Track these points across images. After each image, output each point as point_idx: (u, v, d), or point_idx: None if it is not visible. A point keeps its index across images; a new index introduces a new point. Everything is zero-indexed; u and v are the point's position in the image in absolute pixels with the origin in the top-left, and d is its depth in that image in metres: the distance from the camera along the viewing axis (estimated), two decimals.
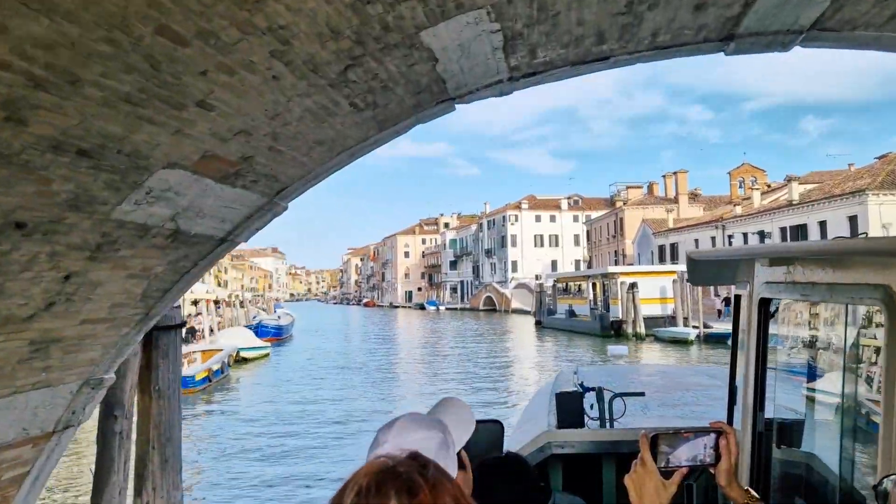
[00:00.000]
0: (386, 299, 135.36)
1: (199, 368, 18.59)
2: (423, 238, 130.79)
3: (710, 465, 1.48)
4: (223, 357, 20.73)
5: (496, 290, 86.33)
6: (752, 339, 2.18)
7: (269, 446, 14.00)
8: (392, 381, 22.24)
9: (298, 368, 25.33)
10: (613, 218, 69.10)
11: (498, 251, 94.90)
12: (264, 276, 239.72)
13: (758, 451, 2.12)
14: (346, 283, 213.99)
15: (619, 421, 4.45)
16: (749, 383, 2.18)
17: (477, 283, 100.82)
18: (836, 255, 1.71)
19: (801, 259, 1.88)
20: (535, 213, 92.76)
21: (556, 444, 3.63)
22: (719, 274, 2.77)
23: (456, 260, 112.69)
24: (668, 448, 1.42)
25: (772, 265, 2.06)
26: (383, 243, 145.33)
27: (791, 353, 2.55)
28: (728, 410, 2.53)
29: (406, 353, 33.40)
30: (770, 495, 2.14)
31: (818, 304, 2.12)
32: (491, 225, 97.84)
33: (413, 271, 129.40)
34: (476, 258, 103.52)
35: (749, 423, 2.15)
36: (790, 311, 2.36)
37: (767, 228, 42.20)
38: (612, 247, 68.84)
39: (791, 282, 1.93)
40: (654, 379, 7.28)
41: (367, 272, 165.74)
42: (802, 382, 2.47)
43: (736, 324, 2.44)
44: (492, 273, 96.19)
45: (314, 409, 17.18)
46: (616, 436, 3.79)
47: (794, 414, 2.48)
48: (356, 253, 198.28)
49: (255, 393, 20.04)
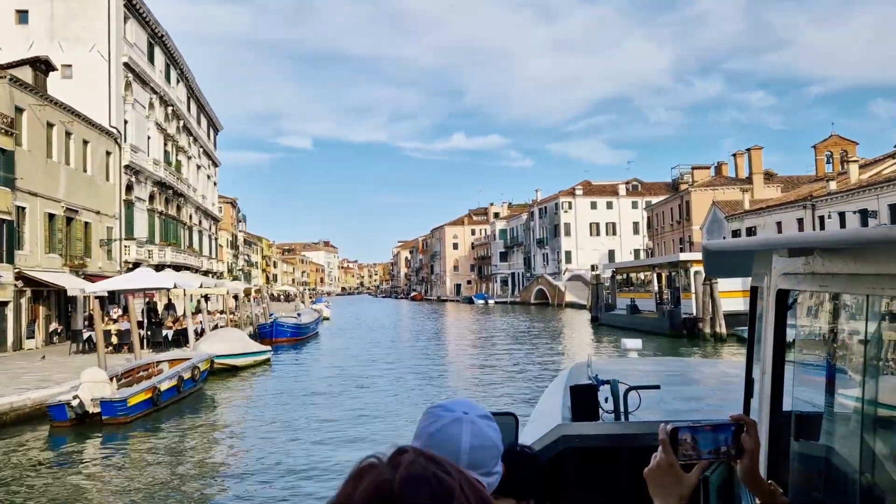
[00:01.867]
0: (435, 293, 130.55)
1: (132, 391, 13.84)
2: (473, 229, 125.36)
3: (732, 457, 1.44)
4: (182, 371, 15.94)
5: (548, 282, 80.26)
6: (770, 330, 2.17)
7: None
8: (418, 405, 16.46)
9: (298, 383, 20.44)
10: (678, 202, 62.30)
11: (550, 241, 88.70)
12: (316, 270, 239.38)
13: (776, 444, 2.13)
14: (396, 276, 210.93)
15: (633, 414, 4.17)
16: (766, 376, 2.18)
17: (528, 275, 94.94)
18: (856, 245, 1.67)
19: (821, 249, 1.85)
20: (590, 200, 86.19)
21: (570, 437, 3.56)
22: (737, 265, 2.78)
23: (506, 251, 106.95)
24: (688, 441, 1.38)
25: (790, 256, 2.03)
26: (431, 235, 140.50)
27: (809, 345, 2.47)
28: (744, 403, 2.56)
29: (445, 360, 28.13)
30: (788, 489, 2.07)
31: (838, 295, 2.04)
32: (543, 213, 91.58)
33: (462, 263, 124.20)
34: (527, 249, 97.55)
35: (766, 416, 2.15)
36: (809, 302, 2.32)
37: (872, 206, 35.27)
38: (676, 233, 62.10)
39: (810, 272, 1.92)
40: (669, 372, 6.65)
41: (416, 265, 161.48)
42: (821, 375, 2.32)
43: (753, 315, 2.51)
44: (544, 264, 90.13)
45: (292, 457, 12.04)
46: (631, 429, 3.66)
47: (812, 407, 2.38)
48: (406, 246, 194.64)
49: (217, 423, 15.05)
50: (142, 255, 36.57)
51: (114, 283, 22.73)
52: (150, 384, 14.71)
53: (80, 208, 30.10)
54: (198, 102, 55.67)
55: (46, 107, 27.38)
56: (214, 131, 65.04)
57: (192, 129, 52.25)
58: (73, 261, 29.18)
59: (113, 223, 34.00)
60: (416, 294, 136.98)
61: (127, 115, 36.88)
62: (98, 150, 32.54)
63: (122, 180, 35.05)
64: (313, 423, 14.59)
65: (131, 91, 37.11)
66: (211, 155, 61.89)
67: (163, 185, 42.09)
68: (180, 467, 11.42)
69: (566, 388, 4.68)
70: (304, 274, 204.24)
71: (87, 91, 33.83)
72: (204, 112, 58.45)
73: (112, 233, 33.83)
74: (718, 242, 2.38)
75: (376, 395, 18.01)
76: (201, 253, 54.67)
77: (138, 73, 37.72)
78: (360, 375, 21.64)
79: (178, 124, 47.75)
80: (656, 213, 69.72)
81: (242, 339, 22.59)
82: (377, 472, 0.73)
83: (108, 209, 33.53)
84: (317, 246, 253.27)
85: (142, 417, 14.25)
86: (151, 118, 41.11)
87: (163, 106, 43.31)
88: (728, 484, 2.64)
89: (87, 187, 31.25)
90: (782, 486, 1.63)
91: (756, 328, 2.44)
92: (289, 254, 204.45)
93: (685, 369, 7.17)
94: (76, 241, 29.83)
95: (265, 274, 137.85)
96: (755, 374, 2.39)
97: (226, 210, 79.53)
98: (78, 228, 30.09)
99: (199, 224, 54.88)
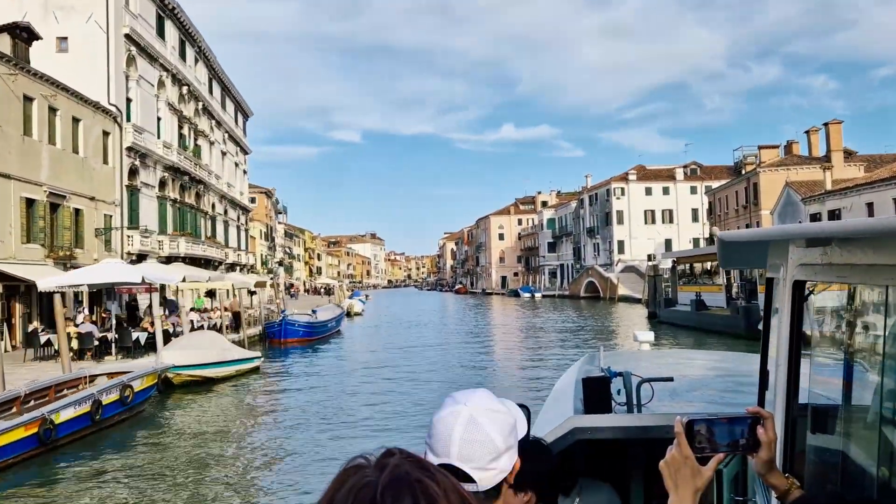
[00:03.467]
0: (480, 285, 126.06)
1: (5, 426, 9.84)
2: (519, 218, 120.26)
3: (748, 450, 1.44)
4: (103, 392, 11.96)
5: (599, 274, 74.90)
6: (786, 322, 2.14)
7: None
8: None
9: (281, 403, 16.45)
10: (744, 184, 56.33)
11: (602, 230, 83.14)
12: (362, 263, 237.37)
13: (791, 437, 2.10)
14: (442, 268, 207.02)
15: (646, 406, 4.11)
16: (782, 368, 2.15)
17: (578, 266, 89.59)
18: (876, 235, 1.63)
19: (839, 239, 1.82)
20: (644, 185, 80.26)
21: (582, 429, 3.45)
22: (752, 256, 2.78)
23: (554, 241, 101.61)
24: (704, 433, 1.36)
25: (808, 246, 1.98)
26: (477, 225, 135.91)
27: (826, 338, 2.45)
28: (759, 395, 2.60)
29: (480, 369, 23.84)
30: (804, 482, 1.98)
31: (856, 286, 2.04)
32: (593, 200, 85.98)
33: (508, 255, 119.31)
34: (577, 238, 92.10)
35: (782, 409, 2.12)
36: (826, 293, 2.24)
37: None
38: (742, 219, 56.19)
39: (828, 263, 1.89)
40: (681, 364, 6.41)
41: (461, 257, 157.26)
42: (838, 368, 2.30)
43: (768, 307, 2.54)
44: (595, 255, 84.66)
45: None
46: (644, 421, 3.53)
47: (828, 400, 2.37)
48: (452, 237, 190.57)
49: (138, 468, 11.04)
50: (148, 246, 33.31)
51: (67, 278, 19.09)
52: (37, 415, 10.60)
53: (68, 193, 26.84)
54: (222, 85, 52.49)
55: (19, 77, 24.06)
56: (244, 117, 61.96)
57: (214, 113, 49.07)
58: (58, 252, 25.93)
59: (112, 211, 30.75)
60: (460, 287, 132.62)
61: (131, 93, 33.61)
62: (93, 129, 29.26)
63: (123, 164, 31.79)
64: (283, 473, 10.51)
65: (135, 66, 33.81)
66: (239, 141, 58.79)
67: (176, 171, 38.85)
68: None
69: (578, 381, 4.56)
70: (349, 266, 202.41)
71: (86, 66, 30.61)
72: (230, 95, 55.28)
73: (111, 222, 30.59)
74: (734, 233, 2.28)
75: (383, 423, 13.80)
76: (227, 244, 51.59)
77: (144, 46, 34.39)
78: (369, 393, 17.47)
79: (197, 106, 44.53)
80: (719, 198, 63.73)
81: (219, 344, 18.45)
82: (362, 474, 0.73)
83: (107, 195, 30.29)
84: (363, 238, 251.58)
85: (23, 461, 10.29)
86: (162, 98, 37.86)
87: (176, 85, 40.06)
88: (741, 477, 2.60)
89: (79, 170, 28.00)
90: (797, 479, 1.60)
91: (772, 320, 2.39)
92: (334, 246, 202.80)
93: (699, 362, 6.91)
94: (63, 231, 26.58)
95: (308, 267, 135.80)
96: (770, 367, 2.40)
97: (260, 200, 76.74)
98: (65, 216, 26.84)
99: (224, 214, 51.77)
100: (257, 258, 71.46)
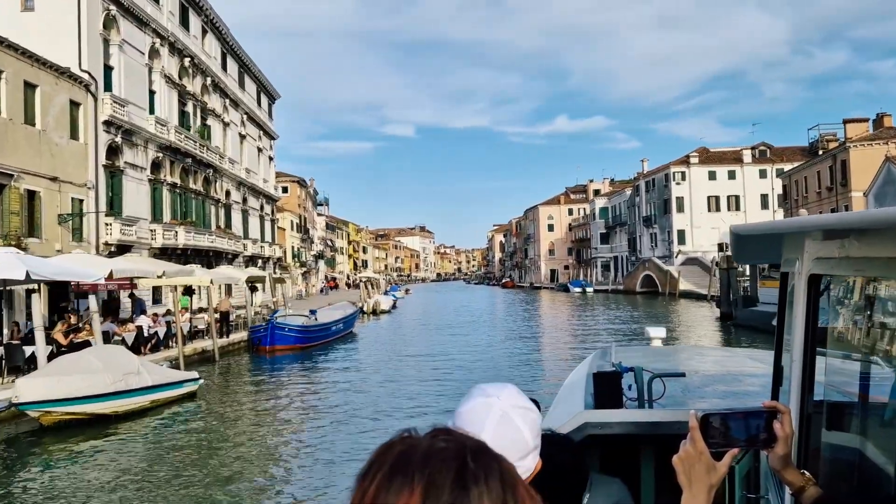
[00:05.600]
0: (528, 279, 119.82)
1: None
2: (570, 208, 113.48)
3: (765, 445, 1.41)
4: None
5: (658, 267, 68.09)
6: (801, 317, 2.08)
7: None
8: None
9: (208, 456, 11.51)
10: (829, 163, 48.91)
11: (660, 218, 76.05)
12: (411, 256, 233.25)
13: (806, 434, 2.06)
14: (491, 261, 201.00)
15: (658, 402, 4.16)
16: (797, 364, 2.09)
17: (633, 258, 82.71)
18: (894, 227, 1.59)
19: (857, 231, 1.77)
20: (707, 169, 72.80)
21: (592, 424, 3.33)
22: (767, 250, 2.70)
23: (607, 232, 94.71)
24: (719, 428, 1.34)
25: (824, 239, 1.95)
26: (525, 216, 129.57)
27: (842, 333, 2.36)
28: (773, 391, 2.52)
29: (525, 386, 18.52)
30: (819, 480, 2.00)
31: (874, 280, 1.98)
32: (651, 186, 78.85)
33: (558, 247, 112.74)
34: (632, 228, 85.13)
35: (796, 405, 2.07)
36: (842, 287, 2.23)
37: None
38: (826, 204, 48.83)
39: (845, 256, 1.84)
40: (693, 360, 6.45)
41: (509, 249, 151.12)
42: (855, 364, 2.22)
43: (783, 302, 2.43)
44: (652, 246, 77.68)
45: None
46: (656, 417, 3.43)
47: (845, 396, 2.33)
48: (500, 229, 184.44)
49: None
50: (133, 236, 28.88)
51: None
52: None
53: (16, 171, 22.44)
54: (240, 62, 48.06)
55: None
56: (269, 99, 57.60)
57: (229, 91, 44.67)
58: (5, 241, 21.55)
59: (84, 194, 26.37)
60: (507, 281, 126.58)
61: (112, 60, 29.21)
62: (56, 98, 24.87)
63: (99, 140, 27.37)
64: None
65: (117, 29, 29.36)
66: (263, 125, 54.42)
67: (176, 152, 34.44)
68: None
69: (589, 375, 4.52)
70: (397, 260, 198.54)
71: (54, 26, 26.31)
72: (250, 74, 50.85)
73: (83, 207, 26.22)
74: (748, 225, 2.19)
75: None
76: (246, 235, 47.29)
77: (128, 6, 29.91)
78: (352, 434, 12.23)
79: (205, 82, 40.11)
80: (796, 181, 56.24)
81: (122, 366, 12.78)
82: (432, 439, 0.71)
83: (76, 176, 25.91)
84: (412, 231, 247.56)
85: None
86: (157, 69, 33.43)
87: (176, 55, 35.60)
88: (753, 474, 2.54)
89: (34, 145, 23.61)
90: (812, 476, 1.61)
91: (786, 315, 2.36)
92: (382, 239, 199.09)
93: (711, 358, 6.72)
94: (9, 216, 22.22)
95: (352, 260, 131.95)
96: (784, 363, 2.35)
97: (292, 190, 72.58)
98: (14, 199, 22.47)
99: (242, 202, 47.45)
100: (288, 251, 67.36)
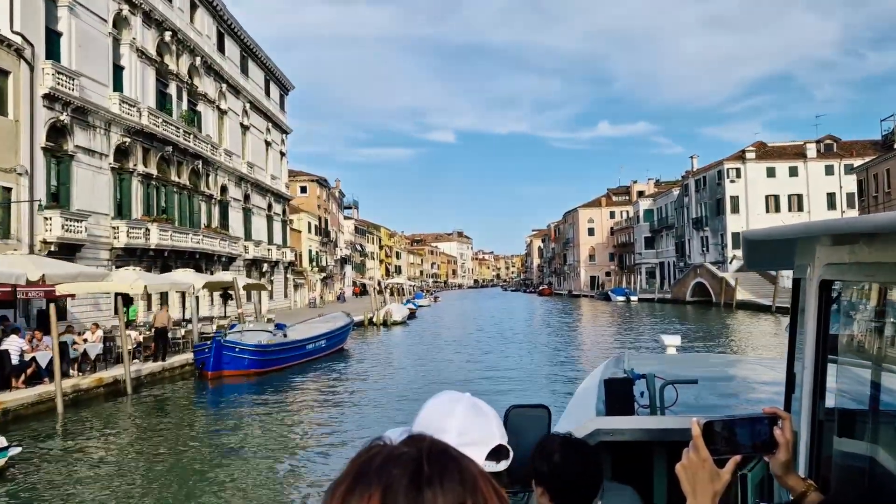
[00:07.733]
0: (566, 286, 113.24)
1: None
2: (612, 211, 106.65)
3: (766, 451, 1.42)
4: None
5: (711, 273, 61.23)
6: (812, 324, 2.06)
7: None
8: None
9: None
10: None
11: (711, 220, 69.09)
12: (447, 262, 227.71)
13: (818, 441, 2.05)
14: (529, 267, 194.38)
15: (670, 409, 4.12)
16: (808, 371, 2.07)
17: (682, 264, 75.76)
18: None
19: (867, 236, 1.76)
20: (766, 165, 65.72)
21: (604, 431, 3.39)
22: (777, 256, 2.67)
23: (653, 236, 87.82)
24: (721, 435, 1.34)
25: (834, 244, 1.95)
26: (564, 220, 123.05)
27: (855, 339, 2.30)
28: (785, 398, 2.53)
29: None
30: (830, 487, 2.02)
31: (886, 285, 1.96)
32: (701, 185, 71.94)
33: (599, 252, 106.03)
34: (680, 232, 78.19)
35: (808, 413, 2.07)
36: (854, 293, 2.21)
37: None
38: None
39: (855, 262, 1.84)
40: (706, 367, 6.42)
41: (548, 255, 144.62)
42: (867, 371, 2.14)
43: (794, 308, 2.42)
44: (702, 251, 70.71)
45: None
46: (667, 423, 3.48)
47: (857, 404, 2.24)
48: (539, 235, 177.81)
49: None
50: (83, 234, 24.15)
51: None
52: None
53: None
54: (242, 45, 43.49)
55: None
56: (281, 90, 53.06)
57: (226, 76, 40.08)
58: None
59: (13, 181, 21.72)
60: (543, 288, 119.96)
61: (61, 25, 24.62)
62: None
63: (35, 116, 22.74)
64: None
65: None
66: (272, 117, 49.84)
67: (151, 138, 29.80)
68: None
69: (601, 382, 4.54)
70: (433, 266, 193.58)
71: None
72: (255, 60, 46.28)
73: (11, 196, 21.58)
74: (760, 231, 2.17)
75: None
76: (247, 237, 42.62)
77: None
78: None
79: (194, 62, 35.51)
80: (874, 175, 49.13)
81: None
82: (393, 448, 0.68)
83: (3, 160, 21.28)
84: (449, 237, 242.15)
85: None
86: (125, 40, 28.82)
87: (153, 27, 30.99)
88: (767, 480, 2.49)
89: None
90: (824, 484, 1.49)
91: (798, 322, 2.35)
92: (417, 245, 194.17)
93: (724, 365, 6.71)
94: None
95: (384, 265, 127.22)
96: (796, 370, 2.36)
97: (311, 189, 67.94)
98: None
99: (242, 200, 42.80)
100: (304, 254, 62.76)
